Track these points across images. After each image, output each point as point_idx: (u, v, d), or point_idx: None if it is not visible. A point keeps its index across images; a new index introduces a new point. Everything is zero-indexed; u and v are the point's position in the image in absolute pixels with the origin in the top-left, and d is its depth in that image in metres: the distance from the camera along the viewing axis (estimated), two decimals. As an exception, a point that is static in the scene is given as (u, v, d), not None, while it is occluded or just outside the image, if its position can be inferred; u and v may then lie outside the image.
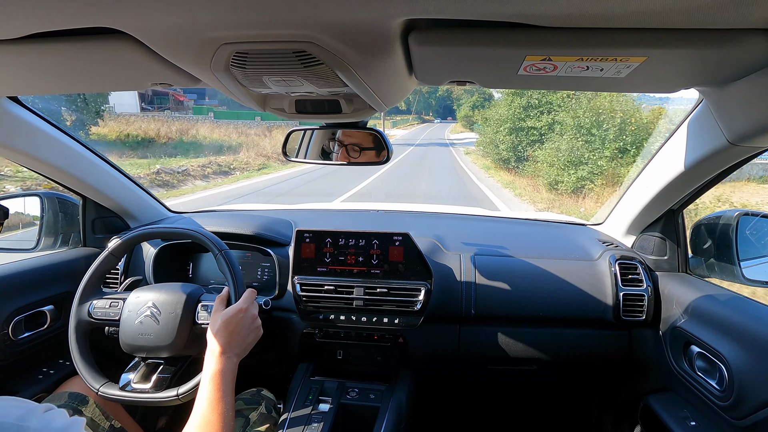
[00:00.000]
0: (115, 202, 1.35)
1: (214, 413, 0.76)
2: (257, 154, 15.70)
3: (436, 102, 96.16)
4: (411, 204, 1.84)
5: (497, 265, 1.23)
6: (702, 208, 4.50)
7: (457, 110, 78.59)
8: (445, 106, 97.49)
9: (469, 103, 69.50)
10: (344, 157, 1.09)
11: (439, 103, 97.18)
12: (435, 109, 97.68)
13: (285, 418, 1.03)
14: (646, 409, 1.11)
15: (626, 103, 9.92)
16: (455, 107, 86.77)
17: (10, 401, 0.50)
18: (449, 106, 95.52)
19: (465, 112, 69.63)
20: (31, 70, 0.68)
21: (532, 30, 0.50)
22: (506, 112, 14.58)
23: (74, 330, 0.98)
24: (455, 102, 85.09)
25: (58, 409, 0.52)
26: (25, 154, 1.04)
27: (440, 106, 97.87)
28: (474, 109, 70.07)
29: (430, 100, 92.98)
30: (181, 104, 33.59)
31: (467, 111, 68.22)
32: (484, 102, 71.55)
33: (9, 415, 0.47)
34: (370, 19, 0.46)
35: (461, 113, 71.76)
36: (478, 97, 62.78)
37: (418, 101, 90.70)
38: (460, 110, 73.69)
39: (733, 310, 0.92)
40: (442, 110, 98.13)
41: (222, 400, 0.78)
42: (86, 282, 1.01)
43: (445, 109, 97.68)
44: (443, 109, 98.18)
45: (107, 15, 0.47)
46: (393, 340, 1.23)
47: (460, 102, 77.07)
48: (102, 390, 0.93)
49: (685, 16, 0.46)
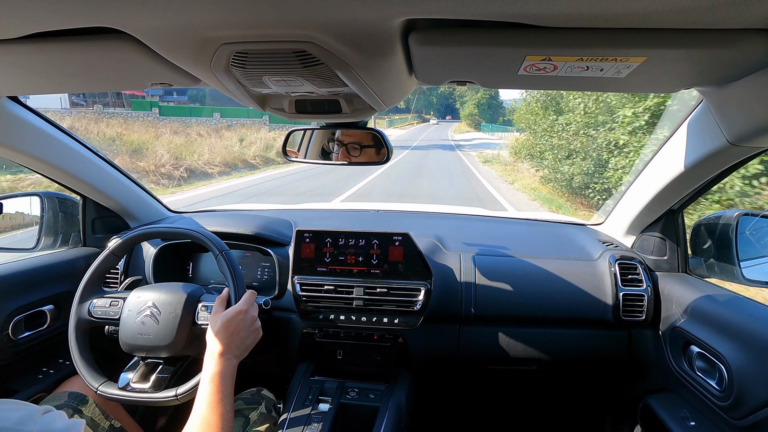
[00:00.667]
0: (114, 201, 1.35)
1: (214, 414, 0.76)
2: (174, 159, 11.79)
3: (437, 100, 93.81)
4: (411, 204, 1.84)
5: (497, 265, 1.23)
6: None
7: (461, 108, 75.14)
8: (447, 104, 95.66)
9: (474, 100, 66.29)
10: (344, 156, 1.09)
11: (440, 101, 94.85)
12: (436, 107, 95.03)
13: (285, 418, 1.03)
14: (646, 409, 1.11)
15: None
16: (458, 105, 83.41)
17: (8, 404, 0.50)
18: (451, 104, 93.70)
19: (470, 110, 66.48)
20: (31, 70, 0.68)
21: (532, 30, 0.50)
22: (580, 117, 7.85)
23: (74, 328, 0.98)
24: (458, 100, 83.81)
25: (57, 411, 0.52)
26: (25, 153, 1.04)
27: (441, 104, 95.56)
28: (479, 107, 64.95)
29: (431, 97, 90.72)
30: (120, 98, 29.27)
31: (472, 109, 64.77)
32: (490, 100, 69.24)
33: (7, 419, 0.47)
34: (370, 20, 0.46)
35: (465, 111, 68.07)
36: (483, 94, 59.46)
37: (418, 99, 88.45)
38: (464, 108, 70.09)
39: (733, 311, 0.92)
40: (444, 108, 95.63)
41: (221, 401, 0.78)
42: (87, 281, 1.01)
43: (446, 107, 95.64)
44: (444, 107, 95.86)
45: (107, 15, 0.47)
46: (393, 340, 1.23)
47: (463, 99, 73.83)
48: (101, 389, 0.93)
49: (685, 16, 0.46)
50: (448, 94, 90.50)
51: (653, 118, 5.79)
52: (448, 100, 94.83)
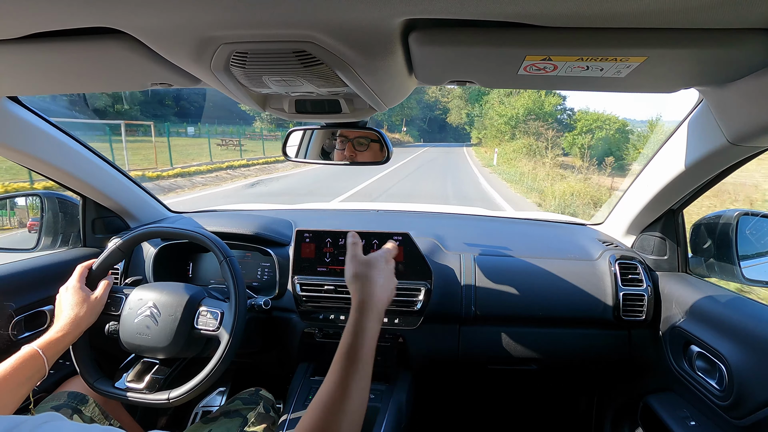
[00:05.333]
0: (114, 201, 1.35)
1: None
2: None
3: (418, 113, 60.06)
4: (411, 204, 1.84)
5: (497, 265, 1.23)
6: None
7: (474, 128, 40.49)
8: (432, 118, 62.98)
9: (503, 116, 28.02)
10: (343, 156, 1.09)
11: (424, 113, 62.25)
12: (418, 123, 61.56)
13: (285, 418, 1.03)
14: (646, 408, 1.11)
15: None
16: (450, 119, 51.18)
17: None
18: (440, 118, 60.26)
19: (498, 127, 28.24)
20: (31, 70, 0.68)
21: (532, 30, 0.50)
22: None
23: None
24: (468, 119, 48.53)
25: (56, 423, 0.44)
26: (25, 153, 1.04)
27: (425, 117, 62.68)
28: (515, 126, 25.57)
29: (407, 109, 54.00)
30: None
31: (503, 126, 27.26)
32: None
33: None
34: (370, 19, 0.46)
35: (489, 129, 31.09)
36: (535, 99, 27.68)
37: (411, 122, 58.49)
38: (484, 125, 33.79)
39: (733, 310, 0.92)
40: (428, 124, 62.94)
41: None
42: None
43: (432, 122, 63.05)
44: (428, 122, 63.29)
45: (107, 15, 0.47)
46: (393, 340, 1.23)
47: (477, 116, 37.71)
48: (96, 384, 0.94)
49: (685, 16, 0.45)
50: (433, 103, 59.77)
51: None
52: (433, 110, 61.93)
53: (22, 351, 0.82)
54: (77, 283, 0.96)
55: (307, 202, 1.95)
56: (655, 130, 12.18)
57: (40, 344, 0.84)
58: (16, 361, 0.80)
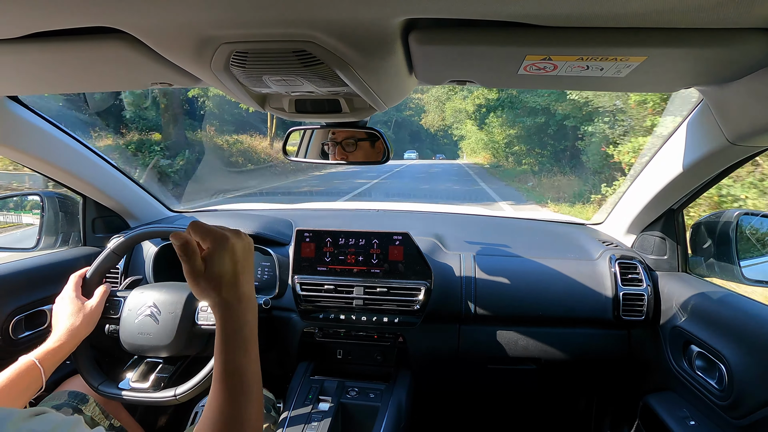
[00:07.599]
0: (115, 201, 1.35)
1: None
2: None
3: (394, 122, 46.14)
4: (411, 203, 1.84)
5: (497, 265, 1.23)
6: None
7: (460, 135, 29.59)
8: (413, 132, 51.15)
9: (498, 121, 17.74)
10: (343, 155, 1.09)
11: (405, 129, 50.87)
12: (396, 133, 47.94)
13: (285, 417, 1.03)
14: (646, 408, 1.11)
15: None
16: (452, 134, 32.05)
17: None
18: (440, 139, 47.66)
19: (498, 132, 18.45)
20: (31, 70, 0.68)
21: (532, 30, 0.50)
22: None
23: None
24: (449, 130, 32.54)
25: (49, 414, 0.42)
26: (25, 153, 1.04)
27: (408, 130, 51.74)
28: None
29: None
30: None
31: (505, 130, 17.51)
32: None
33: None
34: (370, 19, 0.46)
35: (486, 133, 20.52)
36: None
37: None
38: (471, 130, 23.85)
39: (733, 310, 0.92)
40: (411, 138, 52.02)
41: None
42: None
43: (415, 136, 51.96)
44: (411, 136, 52.72)
45: (107, 14, 0.47)
46: (393, 339, 1.23)
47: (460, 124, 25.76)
48: (100, 388, 0.94)
49: (685, 16, 0.45)
50: (408, 119, 46.12)
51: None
52: (401, 110, 43.69)
53: (19, 362, 0.80)
54: (72, 293, 0.94)
55: (307, 202, 1.95)
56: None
57: (37, 355, 0.82)
58: (13, 373, 0.78)
